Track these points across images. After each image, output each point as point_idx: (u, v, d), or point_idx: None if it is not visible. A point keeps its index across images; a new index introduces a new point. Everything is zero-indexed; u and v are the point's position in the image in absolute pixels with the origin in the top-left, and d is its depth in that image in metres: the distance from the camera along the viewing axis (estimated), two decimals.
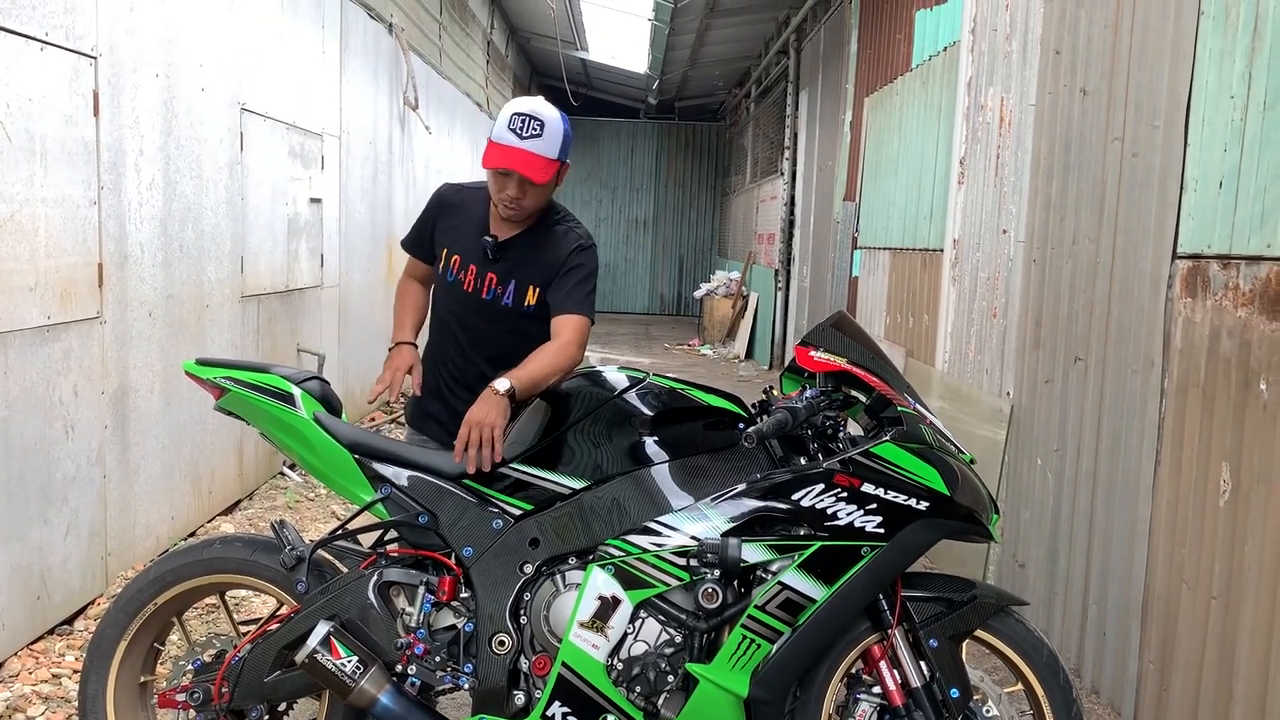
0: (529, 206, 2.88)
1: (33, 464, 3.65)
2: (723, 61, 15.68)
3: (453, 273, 3.00)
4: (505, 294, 2.94)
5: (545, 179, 2.81)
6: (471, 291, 2.97)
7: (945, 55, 5.85)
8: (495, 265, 2.94)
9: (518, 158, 2.77)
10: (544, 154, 2.79)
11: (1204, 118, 3.14)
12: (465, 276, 2.97)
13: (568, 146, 2.88)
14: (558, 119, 2.84)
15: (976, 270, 5.08)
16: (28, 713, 3.27)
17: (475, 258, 2.96)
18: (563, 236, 2.96)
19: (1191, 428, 3.15)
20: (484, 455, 2.56)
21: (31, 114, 3.56)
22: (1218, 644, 2.98)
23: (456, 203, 3.07)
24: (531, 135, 2.78)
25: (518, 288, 2.94)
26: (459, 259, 2.99)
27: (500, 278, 2.94)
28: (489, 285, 2.95)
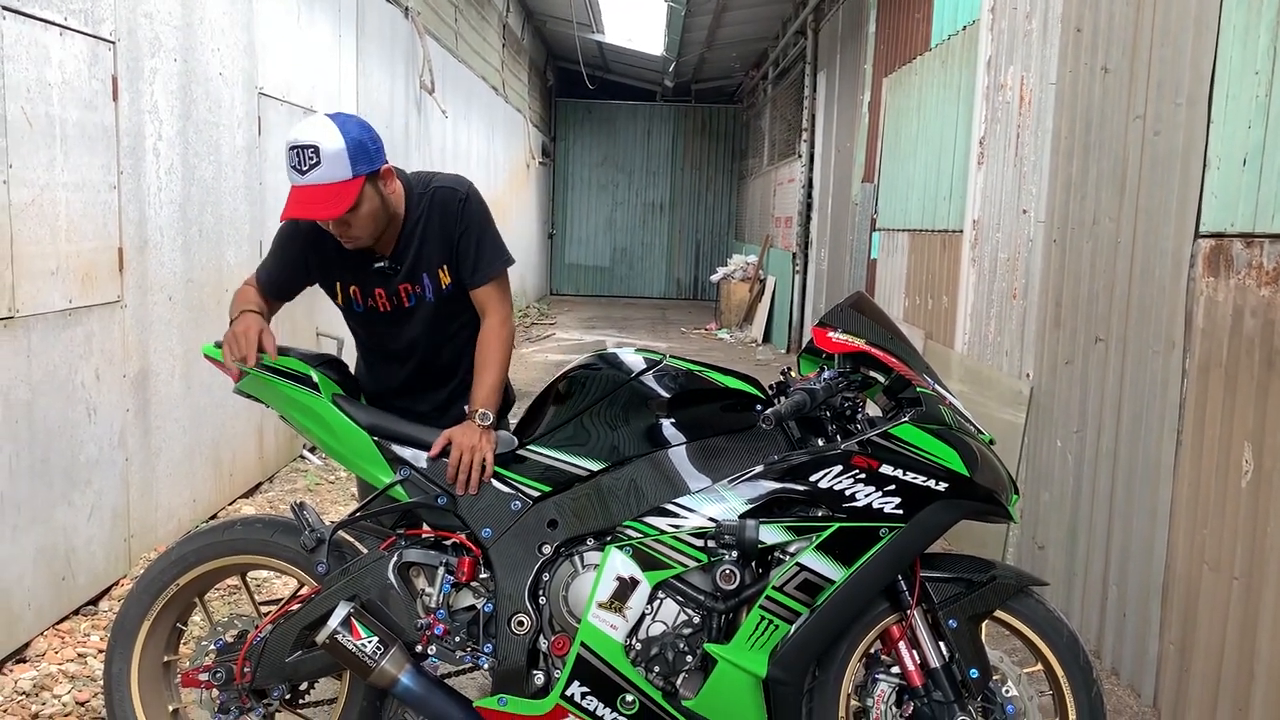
0: (363, 233, 2.61)
1: (56, 446, 3.68)
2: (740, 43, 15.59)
3: (359, 303, 2.78)
4: (425, 291, 2.76)
5: (345, 207, 2.49)
6: (391, 309, 2.77)
7: (964, 34, 5.80)
8: (398, 277, 2.73)
9: (305, 198, 2.49)
10: (332, 181, 2.47)
11: (1228, 94, 3.10)
12: (376, 301, 2.77)
13: (366, 152, 2.52)
14: (334, 133, 2.48)
15: (996, 251, 5.05)
16: (54, 691, 3.32)
17: (375, 282, 2.74)
18: (438, 206, 2.72)
19: (1213, 408, 3.13)
20: (474, 479, 2.56)
21: (51, 99, 3.58)
22: (1239, 626, 2.96)
23: (321, 235, 2.69)
24: (311, 167, 2.46)
25: (431, 279, 2.75)
26: (358, 289, 2.76)
27: (411, 281, 2.74)
28: (405, 294, 2.76)
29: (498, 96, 13.44)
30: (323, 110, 6.35)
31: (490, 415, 2.61)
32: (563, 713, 2.45)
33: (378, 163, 2.57)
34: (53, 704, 3.25)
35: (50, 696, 3.29)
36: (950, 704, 2.44)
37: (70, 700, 3.28)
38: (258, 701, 2.63)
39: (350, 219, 2.55)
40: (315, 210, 2.50)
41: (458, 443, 2.56)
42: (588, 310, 17.63)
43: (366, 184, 2.53)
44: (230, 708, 2.62)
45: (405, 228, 2.72)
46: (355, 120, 2.57)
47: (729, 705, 2.41)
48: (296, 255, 2.77)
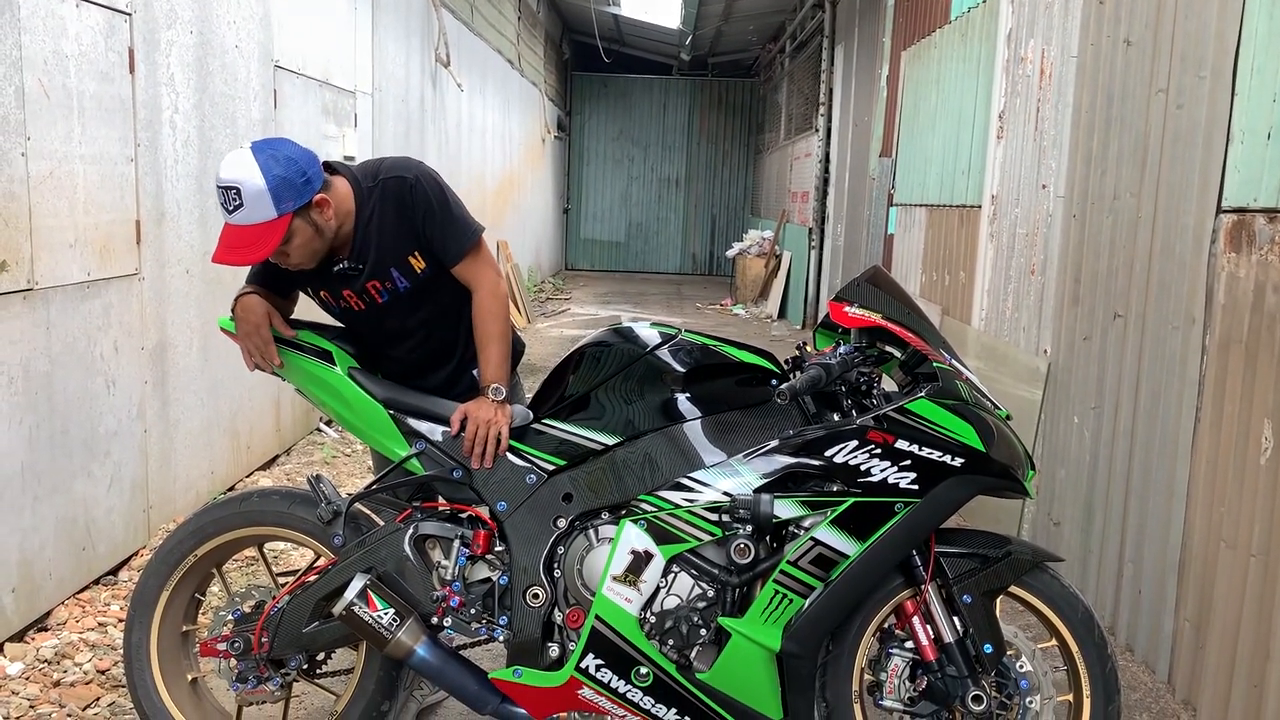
0: (304, 259, 2.56)
1: (76, 418, 3.71)
2: (757, 16, 15.45)
3: (333, 304, 2.77)
4: (397, 283, 2.70)
5: (270, 248, 2.43)
6: (365, 307, 2.74)
7: (985, 7, 5.73)
8: (365, 273, 2.68)
9: (231, 240, 2.44)
10: (254, 221, 2.41)
11: (1253, 67, 3.05)
12: (347, 302, 2.74)
13: (293, 187, 2.43)
14: (254, 172, 2.39)
15: (1015, 226, 5.01)
16: (75, 659, 3.36)
17: (341, 284, 2.71)
18: (390, 197, 2.65)
19: (1233, 385, 3.10)
20: (490, 452, 2.57)
21: (68, 71, 3.58)
22: (1256, 603, 2.95)
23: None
24: (235, 208, 2.41)
25: (400, 270, 2.69)
26: (327, 292, 2.74)
27: (378, 278, 2.69)
28: (376, 291, 2.71)
29: (513, 70, 13.38)
30: (349, 83, 6.34)
31: (503, 389, 2.62)
32: (577, 685, 2.46)
33: (306, 196, 2.47)
34: (74, 672, 3.29)
35: (71, 664, 3.33)
36: (964, 679, 2.45)
37: (91, 668, 3.32)
38: (275, 671, 2.66)
39: (286, 249, 2.50)
40: (241, 254, 2.43)
41: (473, 417, 2.57)
42: (603, 285, 17.62)
43: (296, 219, 2.46)
44: (248, 677, 2.65)
45: (359, 228, 2.64)
46: (283, 153, 2.46)
47: (743, 678, 2.42)
48: (265, 269, 2.71)
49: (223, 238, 2.46)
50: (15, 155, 3.32)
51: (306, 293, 2.81)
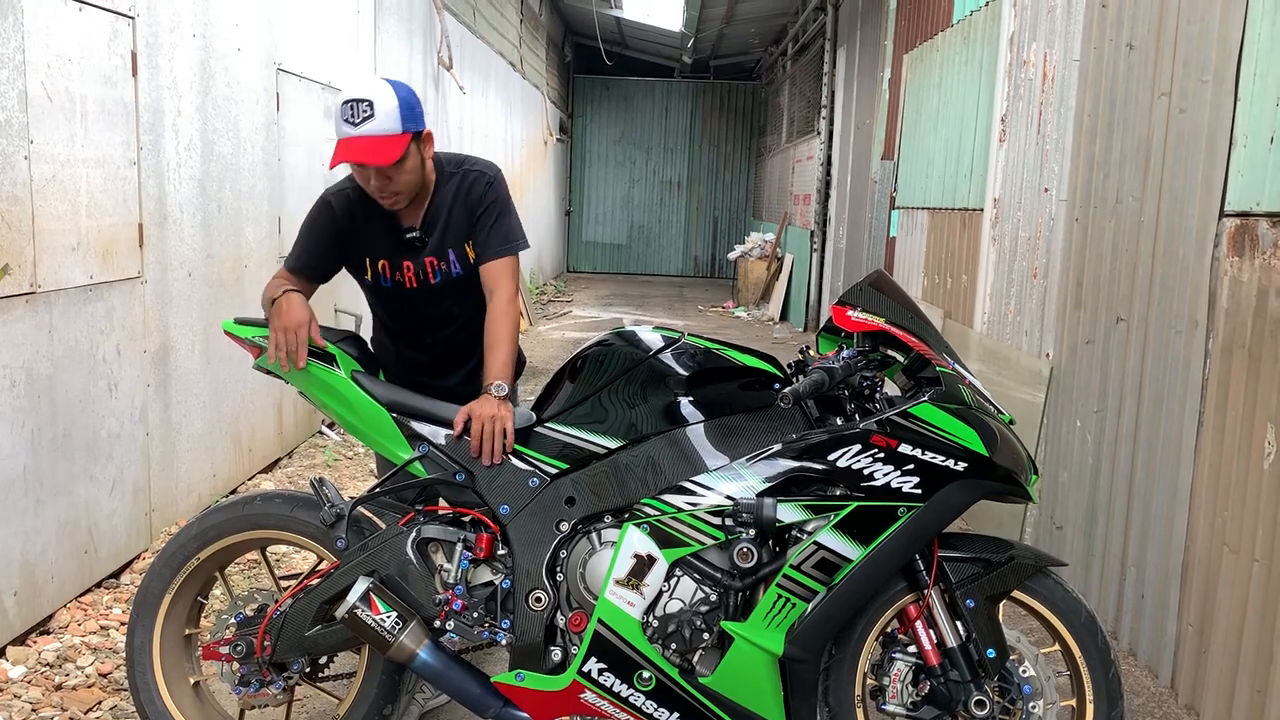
0: (403, 190, 2.73)
1: (78, 421, 3.71)
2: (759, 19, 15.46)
3: (387, 277, 2.87)
4: (452, 266, 2.86)
5: (394, 157, 2.62)
6: (419, 284, 2.87)
7: (987, 10, 5.73)
8: (426, 249, 2.83)
9: (356, 148, 2.60)
10: (382, 133, 2.60)
11: (1256, 71, 3.05)
12: (403, 275, 2.86)
13: (414, 113, 2.67)
14: (388, 92, 2.62)
15: (1017, 230, 5.01)
16: (77, 662, 3.36)
17: (404, 254, 2.84)
18: (468, 184, 2.85)
19: (1236, 389, 3.10)
20: (498, 447, 2.57)
21: (71, 74, 3.59)
22: (1259, 608, 2.94)
23: (350, 209, 2.83)
24: (364, 119, 2.59)
25: (457, 255, 2.86)
26: (387, 262, 2.85)
27: (438, 256, 2.84)
28: (430, 271, 2.86)
29: (515, 73, 13.39)
30: (339, 85, 6.35)
31: (505, 387, 2.65)
32: (579, 689, 2.46)
33: (422, 124, 2.71)
34: (76, 675, 3.29)
35: (73, 668, 3.33)
36: (967, 683, 2.45)
37: (93, 672, 3.32)
38: (278, 674, 2.66)
39: (393, 174, 2.67)
40: (367, 157, 2.60)
41: (477, 414, 2.58)
42: (605, 288, 17.62)
43: (412, 142, 2.67)
44: (250, 680, 2.65)
45: (434, 200, 2.84)
46: (404, 84, 2.71)
47: (745, 683, 2.42)
48: (327, 234, 2.84)
49: (345, 147, 2.61)
50: (18, 159, 3.32)
51: (361, 266, 2.88)
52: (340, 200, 2.84)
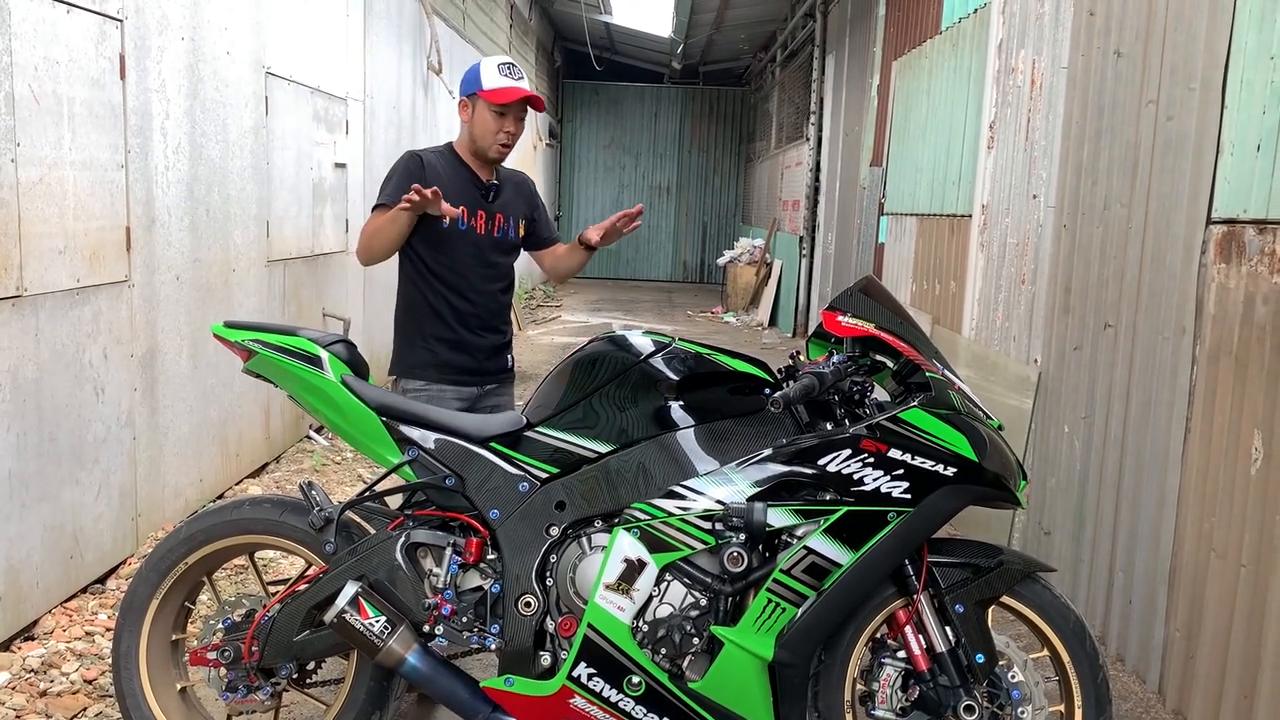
0: (518, 137, 3.33)
1: (64, 425, 3.69)
2: (748, 25, 15.50)
3: (464, 221, 3.27)
4: (510, 229, 3.39)
5: (540, 110, 3.36)
6: (484, 233, 3.31)
7: (975, 17, 5.76)
8: (494, 206, 3.34)
9: (526, 93, 3.23)
10: (528, 89, 3.26)
11: (1242, 79, 3.07)
12: (475, 222, 3.30)
13: None
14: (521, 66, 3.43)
15: (1005, 236, 5.03)
16: (62, 668, 3.33)
17: (477, 204, 3.30)
18: (517, 177, 3.51)
19: (1223, 395, 3.12)
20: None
21: (59, 77, 3.57)
22: (1246, 613, 2.96)
23: (437, 164, 3.30)
24: (520, 78, 3.27)
25: (514, 223, 3.40)
26: (465, 209, 3.26)
27: (504, 217, 3.36)
28: (497, 225, 3.35)
29: None
30: (340, 90, 6.34)
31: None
32: (569, 694, 2.45)
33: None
34: (61, 681, 3.27)
35: (58, 674, 3.31)
36: (956, 689, 2.45)
37: (78, 678, 3.29)
38: (265, 680, 2.64)
39: (521, 122, 3.31)
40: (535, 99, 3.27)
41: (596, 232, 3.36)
42: (594, 293, 17.62)
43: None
44: (238, 686, 2.63)
45: (499, 175, 3.39)
46: None
47: (735, 688, 2.42)
48: (417, 177, 3.19)
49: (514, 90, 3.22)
50: (5, 161, 3.30)
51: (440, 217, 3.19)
52: (428, 155, 3.32)
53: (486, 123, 3.25)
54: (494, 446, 2.61)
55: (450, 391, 3.30)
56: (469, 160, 3.33)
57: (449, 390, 3.30)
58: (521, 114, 3.30)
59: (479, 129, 3.27)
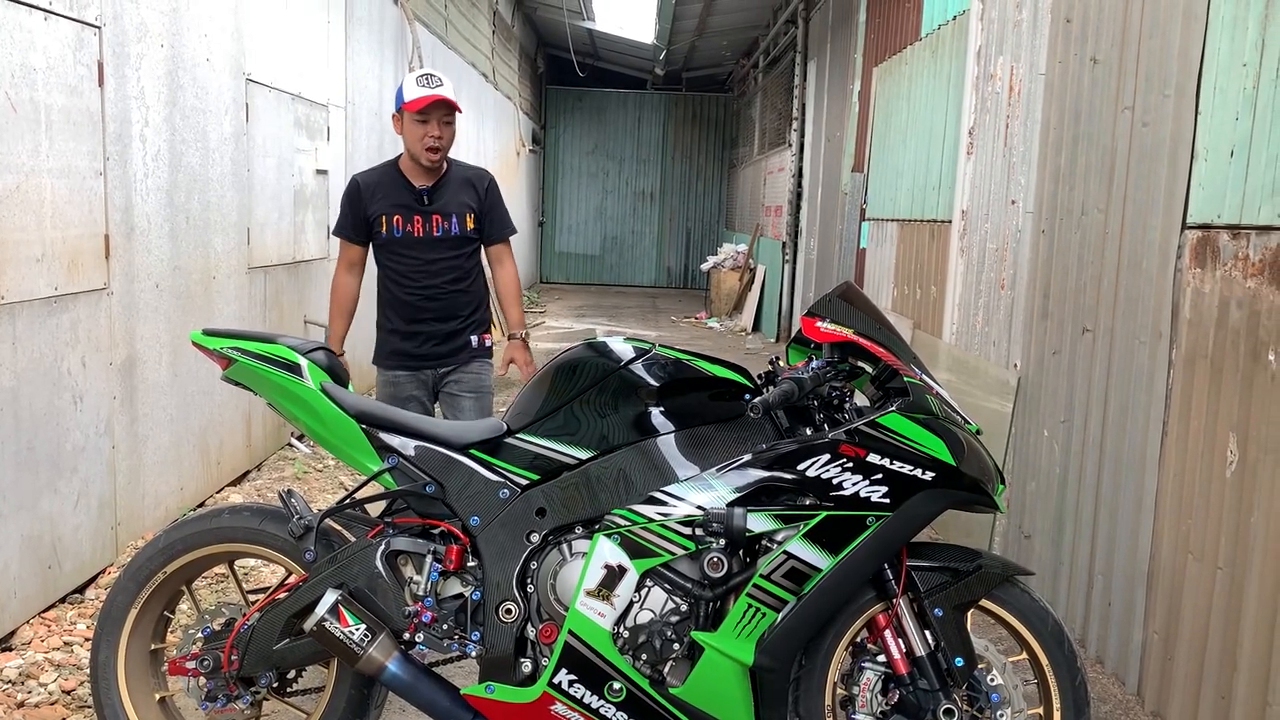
0: (447, 143, 3.71)
1: (42, 434, 3.66)
2: (730, 31, 15.55)
3: (398, 229, 3.76)
4: (451, 226, 3.78)
5: (459, 110, 3.71)
6: (422, 235, 3.75)
7: (954, 24, 5.80)
8: (433, 208, 3.75)
9: (440, 97, 3.64)
10: (452, 96, 3.67)
11: (1216, 86, 3.11)
12: (412, 228, 3.75)
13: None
14: (447, 78, 3.75)
15: (985, 241, 5.06)
16: (40, 679, 3.31)
17: (412, 210, 3.75)
18: (472, 174, 3.89)
19: (1199, 399, 3.15)
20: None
21: (36, 84, 3.55)
22: (1223, 615, 2.98)
23: (374, 182, 3.81)
24: (438, 85, 3.67)
25: (458, 219, 3.79)
26: (400, 217, 3.75)
27: (443, 216, 3.76)
28: (436, 225, 3.76)
29: (488, 84, 13.39)
30: (322, 96, 6.32)
31: (522, 331, 3.97)
32: (550, 700, 2.45)
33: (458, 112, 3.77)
34: (39, 692, 3.24)
35: (36, 685, 3.28)
36: (935, 692, 2.46)
37: (56, 689, 3.27)
38: (245, 689, 2.63)
39: (449, 127, 3.71)
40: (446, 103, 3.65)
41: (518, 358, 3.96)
42: (578, 299, 17.61)
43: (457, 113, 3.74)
44: (218, 695, 2.62)
45: (445, 177, 3.80)
46: None
47: (716, 693, 2.42)
48: (355, 198, 3.79)
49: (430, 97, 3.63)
50: None
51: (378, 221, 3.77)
52: (365, 176, 3.85)
53: (413, 131, 3.67)
54: (474, 453, 2.61)
55: (404, 376, 3.85)
56: (407, 170, 3.78)
57: (403, 375, 3.85)
58: (445, 118, 3.67)
59: (408, 138, 3.71)
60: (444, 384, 3.87)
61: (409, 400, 3.83)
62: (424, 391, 3.88)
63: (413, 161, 3.75)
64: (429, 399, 3.91)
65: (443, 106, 3.64)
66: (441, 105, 3.63)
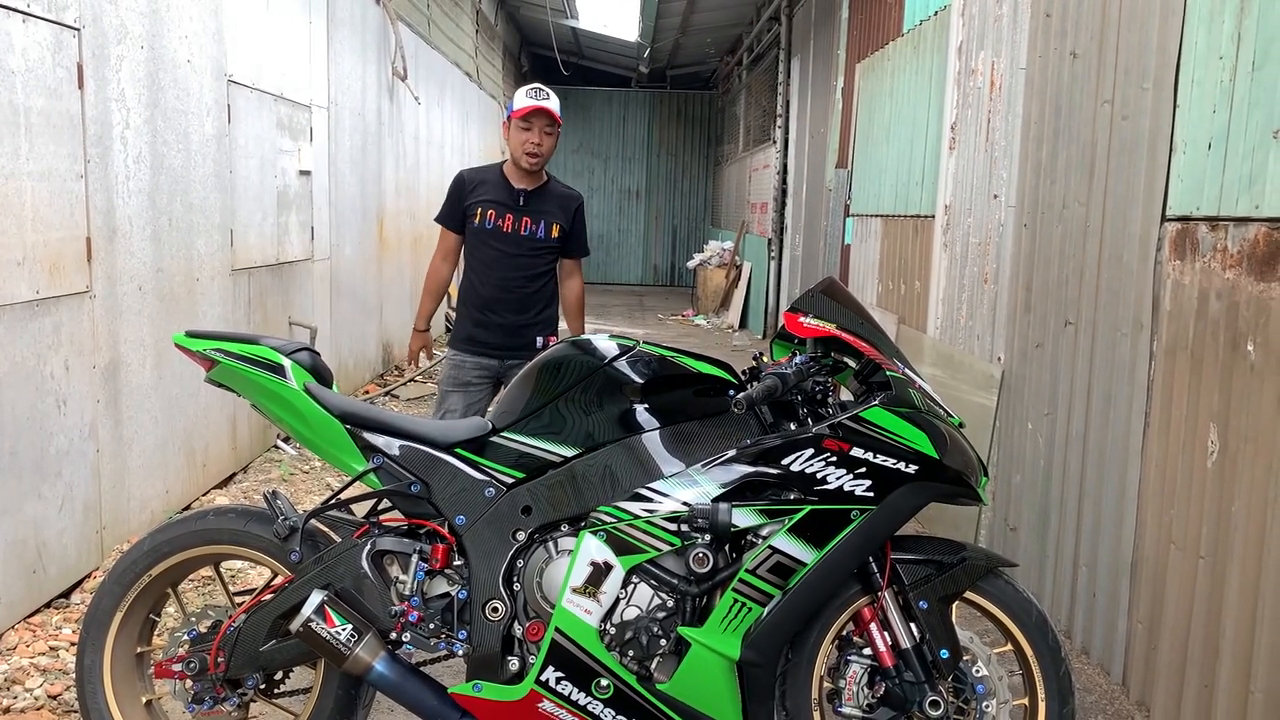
0: (546, 152, 4.02)
1: (25, 439, 3.65)
2: (714, 29, 15.56)
3: (491, 221, 4.07)
4: (538, 230, 4.09)
5: (560, 124, 4.02)
6: (510, 232, 4.07)
7: (936, 20, 5.82)
8: (525, 210, 4.07)
9: (543, 107, 3.96)
10: (556, 109, 4.00)
11: (1193, 79, 3.13)
12: (503, 223, 4.07)
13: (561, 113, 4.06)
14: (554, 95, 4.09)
15: (968, 236, 5.08)
16: (25, 684, 3.29)
17: (508, 208, 4.07)
18: (566, 191, 4.22)
19: (1180, 390, 3.17)
20: None
21: (15, 87, 3.54)
22: (1205, 604, 3.00)
23: (478, 179, 4.15)
24: (545, 98, 4.00)
25: (545, 226, 4.09)
26: (494, 212, 4.06)
27: (532, 220, 4.08)
28: (525, 226, 4.07)
29: (471, 83, 13.36)
30: (304, 97, 6.31)
31: None
32: (537, 698, 2.46)
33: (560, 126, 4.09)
34: (24, 698, 3.23)
35: (21, 690, 3.27)
36: (921, 684, 2.47)
37: (42, 694, 3.26)
38: (232, 691, 2.63)
39: (550, 137, 4.02)
40: (549, 113, 3.98)
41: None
42: None
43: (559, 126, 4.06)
44: (204, 698, 2.61)
45: (544, 187, 4.14)
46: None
47: (703, 688, 2.43)
48: (459, 190, 4.16)
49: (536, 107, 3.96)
50: None
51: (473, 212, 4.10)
52: (470, 172, 4.23)
53: (517, 135, 4.01)
54: (459, 452, 2.61)
55: (470, 361, 4.11)
56: (509, 173, 4.11)
57: (469, 360, 4.11)
58: (546, 127, 3.98)
59: (512, 142, 4.05)
60: (506, 376, 4.09)
61: (467, 385, 4.13)
62: (485, 379, 4.13)
63: (515, 165, 4.08)
64: (490, 388, 4.18)
65: (545, 116, 3.96)
66: (544, 115, 3.96)
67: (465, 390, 4.11)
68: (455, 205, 4.16)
